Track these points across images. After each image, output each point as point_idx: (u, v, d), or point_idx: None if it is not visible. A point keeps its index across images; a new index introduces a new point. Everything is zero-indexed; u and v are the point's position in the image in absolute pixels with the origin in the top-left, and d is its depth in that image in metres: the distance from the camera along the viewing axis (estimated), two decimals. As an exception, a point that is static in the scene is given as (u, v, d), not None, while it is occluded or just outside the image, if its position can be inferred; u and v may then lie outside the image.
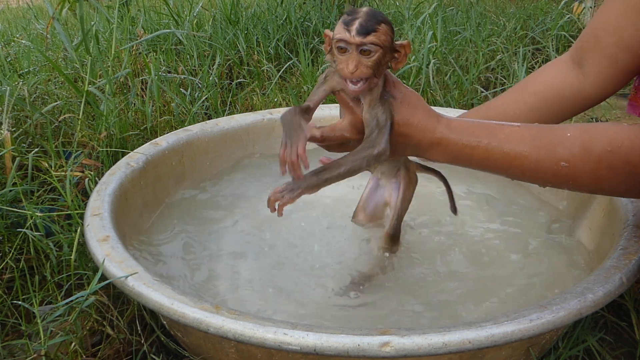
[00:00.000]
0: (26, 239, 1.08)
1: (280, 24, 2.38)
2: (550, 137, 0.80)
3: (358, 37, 0.76)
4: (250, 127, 1.41)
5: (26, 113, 1.51)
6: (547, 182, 0.81)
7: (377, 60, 0.78)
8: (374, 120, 0.81)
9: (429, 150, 0.83)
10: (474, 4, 2.86)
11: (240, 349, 0.78)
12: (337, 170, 0.80)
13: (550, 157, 0.78)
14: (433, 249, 1.12)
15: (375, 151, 0.80)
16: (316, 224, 1.18)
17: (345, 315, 0.96)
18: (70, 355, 0.90)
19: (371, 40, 0.77)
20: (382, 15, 0.79)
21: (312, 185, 0.79)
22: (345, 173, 0.80)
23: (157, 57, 2.07)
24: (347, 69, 0.77)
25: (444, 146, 0.82)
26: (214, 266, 1.08)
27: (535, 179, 0.82)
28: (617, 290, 0.78)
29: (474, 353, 0.75)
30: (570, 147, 0.78)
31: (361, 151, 0.81)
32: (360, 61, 0.78)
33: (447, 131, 0.82)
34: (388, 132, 0.80)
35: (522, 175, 0.81)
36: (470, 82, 1.95)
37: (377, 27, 0.77)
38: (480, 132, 0.81)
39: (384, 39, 0.78)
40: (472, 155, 0.81)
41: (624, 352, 0.97)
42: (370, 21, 0.77)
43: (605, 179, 0.77)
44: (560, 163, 0.78)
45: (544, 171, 0.79)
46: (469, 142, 0.81)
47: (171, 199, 1.25)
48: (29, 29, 2.75)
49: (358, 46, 0.77)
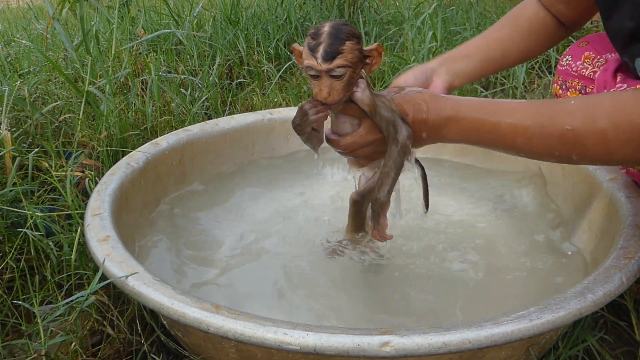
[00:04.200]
0: (26, 239, 1.08)
1: (280, 24, 2.38)
2: (554, 105, 0.82)
3: (325, 64, 0.77)
4: (250, 127, 1.41)
5: (26, 113, 1.51)
6: (555, 151, 0.81)
7: (348, 79, 0.80)
8: (383, 120, 0.84)
9: (443, 128, 0.85)
10: (474, 4, 2.86)
11: (241, 349, 0.78)
12: (389, 177, 0.86)
13: (554, 122, 0.79)
14: (428, 248, 1.12)
15: (403, 141, 0.83)
16: (317, 226, 1.18)
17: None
18: (71, 355, 0.90)
19: (338, 64, 0.78)
20: (346, 30, 0.79)
21: (384, 201, 0.88)
22: (396, 174, 0.87)
23: (157, 57, 2.07)
24: (321, 95, 0.80)
25: (454, 122, 0.84)
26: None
27: (542, 148, 0.82)
28: (617, 290, 0.78)
29: (474, 353, 0.75)
30: (574, 113, 0.79)
31: (392, 150, 0.85)
32: (332, 86, 0.79)
33: (456, 107, 0.84)
34: (400, 120, 0.83)
35: (529, 144, 0.82)
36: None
37: (341, 48, 0.77)
38: (487, 107, 0.84)
39: (351, 57, 0.78)
40: (481, 129, 0.83)
41: (623, 352, 0.97)
42: (334, 44, 0.77)
43: (612, 141, 0.77)
44: (565, 127, 0.78)
45: (549, 137, 0.80)
46: (477, 117, 0.83)
47: (169, 199, 1.25)
48: (29, 29, 2.75)
49: (326, 72, 0.78)
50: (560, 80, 1.19)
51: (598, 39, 1.15)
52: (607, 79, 1.00)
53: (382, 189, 0.86)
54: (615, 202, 1.01)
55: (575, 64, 1.16)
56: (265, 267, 1.08)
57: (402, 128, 0.83)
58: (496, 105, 0.85)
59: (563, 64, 1.19)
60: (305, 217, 1.21)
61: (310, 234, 1.15)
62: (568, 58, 1.18)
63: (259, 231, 1.18)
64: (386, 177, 0.86)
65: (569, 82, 1.17)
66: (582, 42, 1.18)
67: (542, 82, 2.15)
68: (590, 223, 1.08)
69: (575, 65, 1.16)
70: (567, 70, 1.17)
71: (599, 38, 1.15)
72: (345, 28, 0.79)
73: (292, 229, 1.17)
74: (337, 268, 1.06)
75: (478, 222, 1.22)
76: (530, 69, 2.16)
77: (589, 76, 1.13)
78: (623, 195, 1.00)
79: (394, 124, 0.83)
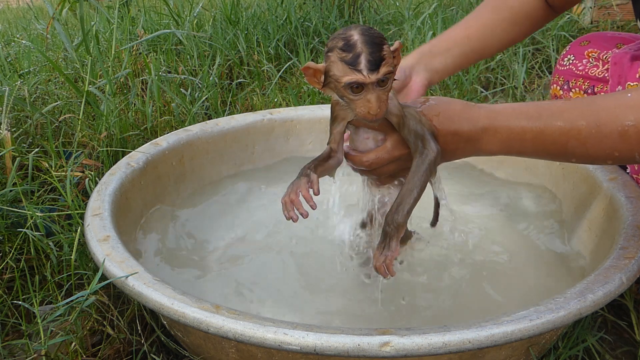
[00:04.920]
0: (26, 239, 1.08)
1: (280, 24, 2.38)
2: (607, 100, 0.74)
3: (373, 75, 0.71)
4: (250, 127, 1.41)
5: (26, 113, 1.52)
6: (615, 151, 0.73)
7: (391, 84, 0.74)
8: (411, 134, 0.78)
9: (480, 140, 0.78)
10: (474, 4, 2.86)
11: (241, 349, 0.78)
12: (411, 195, 0.77)
13: (612, 119, 0.71)
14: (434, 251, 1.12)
15: (430, 157, 0.77)
16: (318, 226, 1.18)
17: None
18: (71, 355, 0.90)
19: (385, 72, 0.72)
20: (377, 33, 0.73)
21: (401, 223, 0.77)
22: (418, 194, 0.78)
23: (157, 57, 2.07)
24: (372, 111, 0.72)
25: (492, 133, 0.77)
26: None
27: (599, 149, 0.74)
28: (617, 290, 0.78)
29: (474, 353, 0.75)
30: (635, 106, 0.71)
31: (419, 166, 0.77)
32: (380, 98, 0.72)
33: (490, 116, 0.77)
34: (429, 135, 0.77)
35: (584, 146, 0.74)
36: (470, 82, 1.95)
37: (383, 54, 0.71)
38: (528, 111, 0.76)
39: (391, 62, 0.73)
40: (525, 137, 0.76)
41: (623, 352, 0.97)
42: (375, 52, 0.71)
43: None
44: (625, 123, 0.70)
45: (608, 136, 0.72)
46: (517, 124, 0.76)
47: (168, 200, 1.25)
48: (29, 29, 2.75)
49: (374, 83, 0.72)
50: (562, 81, 1.16)
51: (600, 38, 1.13)
52: (624, 61, 0.95)
53: (401, 209, 0.77)
54: (615, 202, 1.01)
55: (581, 62, 1.12)
56: (265, 267, 1.08)
57: (431, 143, 0.77)
58: (539, 108, 0.76)
59: (564, 64, 1.15)
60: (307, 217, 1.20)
61: (311, 233, 1.15)
62: (570, 58, 1.15)
63: (259, 231, 1.18)
64: (408, 195, 0.77)
65: (571, 82, 1.13)
66: (583, 40, 1.16)
67: (542, 82, 2.15)
68: (591, 223, 1.08)
69: (581, 64, 1.11)
70: (570, 70, 1.14)
71: (600, 37, 1.14)
72: (374, 32, 0.73)
73: (292, 229, 1.17)
74: (338, 268, 1.06)
75: (477, 222, 1.22)
76: (530, 69, 2.16)
77: (600, 74, 1.08)
78: (623, 195, 1.00)
79: (422, 138, 0.77)
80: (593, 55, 1.11)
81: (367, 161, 0.81)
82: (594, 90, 1.10)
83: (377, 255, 0.78)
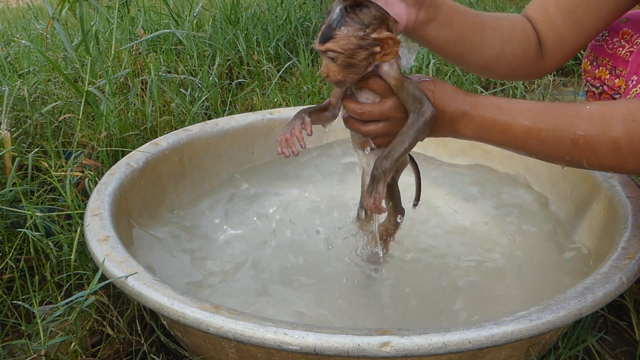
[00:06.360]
0: (26, 239, 1.08)
1: (280, 24, 2.38)
2: (568, 109, 0.81)
3: (319, 45, 0.79)
4: (250, 127, 1.41)
5: (26, 113, 1.51)
6: (566, 155, 0.81)
7: (342, 64, 0.80)
8: (409, 96, 0.83)
9: (459, 124, 0.85)
10: (474, 4, 2.86)
11: (240, 349, 0.78)
12: (402, 146, 0.83)
13: (567, 126, 0.79)
14: (427, 248, 1.12)
15: (427, 115, 0.82)
16: (318, 226, 1.18)
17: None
18: (70, 355, 0.90)
19: (329, 48, 0.79)
20: (350, 16, 0.77)
21: (388, 169, 0.84)
22: (409, 146, 0.84)
23: (157, 57, 2.07)
24: (321, 73, 0.82)
25: (469, 118, 0.84)
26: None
27: (553, 151, 0.81)
28: (617, 290, 0.78)
29: (474, 353, 0.75)
30: (589, 118, 0.78)
31: (414, 122, 0.83)
32: (328, 66, 0.81)
33: (472, 104, 0.84)
34: (426, 98, 0.83)
35: (541, 146, 0.81)
36: (470, 82, 1.95)
37: (335, 33, 0.78)
38: (502, 106, 0.84)
39: (343, 44, 0.78)
40: (493, 128, 0.83)
41: (623, 352, 0.97)
42: (329, 27, 0.78)
43: (624, 150, 0.76)
44: (577, 132, 0.78)
45: (562, 141, 0.79)
46: (490, 115, 0.83)
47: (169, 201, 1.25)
48: (29, 29, 2.75)
49: (323, 52, 0.80)
50: (592, 56, 1.13)
51: (638, 18, 1.08)
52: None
53: (390, 156, 0.83)
54: (615, 202, 1.01)
55: (612, 40, 1.09)
56: (266, 268, 1.08)
57: (429, 104, 0.83)
58: (512, 105, 0.84)
59: (598, 39, 1.12)
60: (306, 217, 1.20)
61: (312, 234, 1.15)
62: (604, 33, 1.11)
63: (260, 231, 1.18)
64: (399, 145, 0.83)
65: (600, 59, 1.11)
66: (623, 18, 1.09)
67: (542, 82, 2.15)
68: (591, 223, 1.08)
69: (612, 42, 1.09)
70: (602, 47, 1.11)
71: (639, 17, 1.08)
72: (355, 14, 0.78)
73: (292, 229, 1.17)
74: (339, 268, 1.06)
75: (477, 222, 1.22)
76: (530, 69, 2.15)
77: (624, 56, 1.07)
78: (623, 195, 1.00)
79: (420, 101, 0.83)
80: (626, 37, 1.08)
81: (360, 110, 0.86)
82: (615, 71, 1.08)
83: (367, 197, 0.86)
